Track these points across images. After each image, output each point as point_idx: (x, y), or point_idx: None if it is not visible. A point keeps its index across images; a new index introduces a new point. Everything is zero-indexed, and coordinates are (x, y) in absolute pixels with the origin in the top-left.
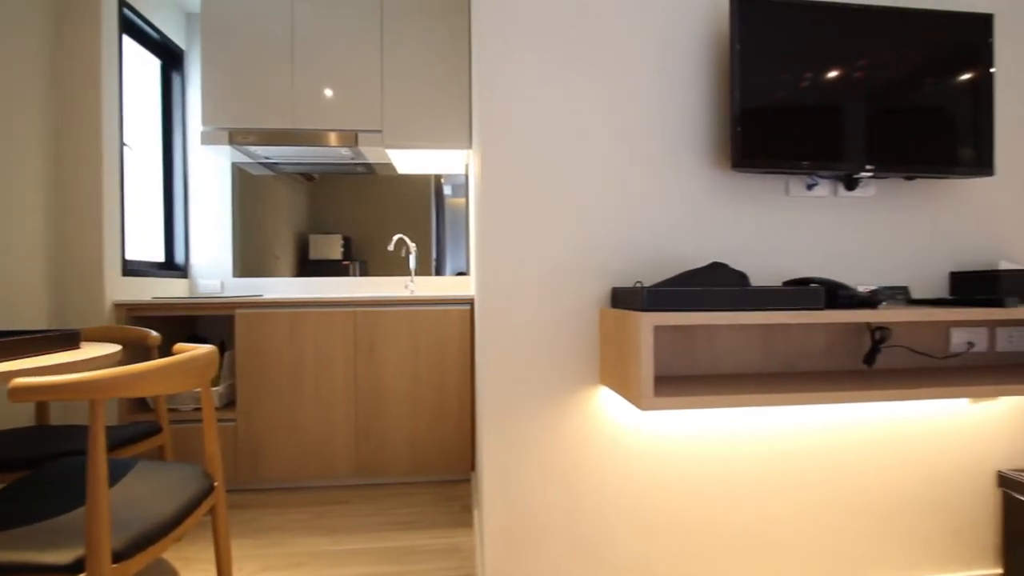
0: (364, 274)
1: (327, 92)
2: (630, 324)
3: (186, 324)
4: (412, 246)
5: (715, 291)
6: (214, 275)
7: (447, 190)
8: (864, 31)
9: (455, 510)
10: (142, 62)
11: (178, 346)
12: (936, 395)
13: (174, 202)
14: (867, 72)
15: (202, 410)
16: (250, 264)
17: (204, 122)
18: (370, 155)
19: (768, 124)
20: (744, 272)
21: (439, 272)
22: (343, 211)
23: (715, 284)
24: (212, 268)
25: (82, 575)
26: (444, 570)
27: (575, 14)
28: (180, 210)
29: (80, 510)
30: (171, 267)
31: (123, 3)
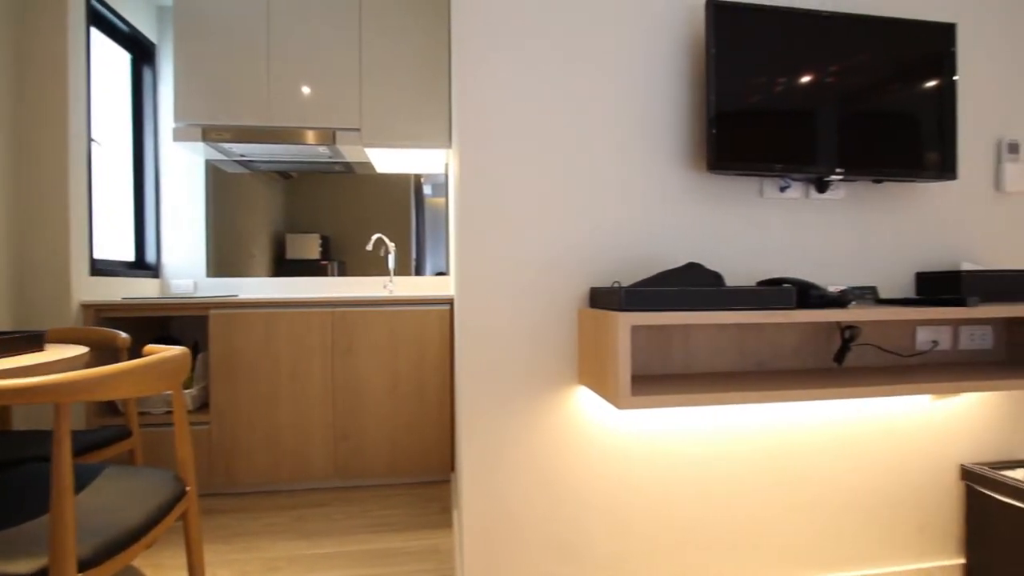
0: (343, 274)
1: (304, 89)
2: (608, 324)
3: (158, 325)
4: (391, 246)
5: (691, 291)
6: (187, 275)
7: (427, 189)
8: (834, 38)
9: (434, 511)
10: (111, 56)
11: (148, 347)
12: (903, 392)
13: (145, 200)
14: (837, 78)
15: (173, 413)
16: (225, 264)
17: (176, 118)
18: (348, 154)
19: (743, 127)
20: (719, 272)
21: (419, 272)
22: (321, 210)
23: (691, 284)
24: (185, 268)
25: None
26: (424, 572)
27: (555, 16)
28: (151, 208)
29: (44, 517)
30: (142, 266)
31: None
